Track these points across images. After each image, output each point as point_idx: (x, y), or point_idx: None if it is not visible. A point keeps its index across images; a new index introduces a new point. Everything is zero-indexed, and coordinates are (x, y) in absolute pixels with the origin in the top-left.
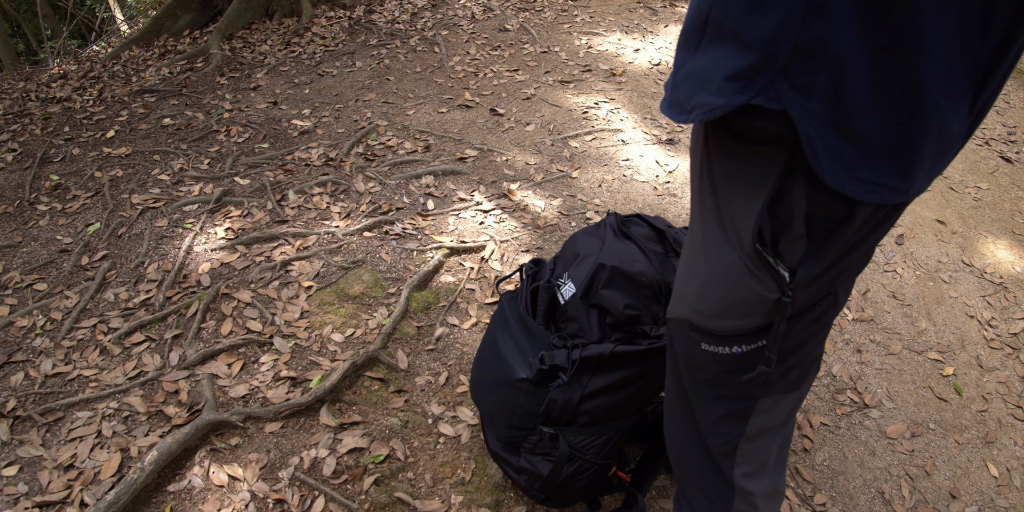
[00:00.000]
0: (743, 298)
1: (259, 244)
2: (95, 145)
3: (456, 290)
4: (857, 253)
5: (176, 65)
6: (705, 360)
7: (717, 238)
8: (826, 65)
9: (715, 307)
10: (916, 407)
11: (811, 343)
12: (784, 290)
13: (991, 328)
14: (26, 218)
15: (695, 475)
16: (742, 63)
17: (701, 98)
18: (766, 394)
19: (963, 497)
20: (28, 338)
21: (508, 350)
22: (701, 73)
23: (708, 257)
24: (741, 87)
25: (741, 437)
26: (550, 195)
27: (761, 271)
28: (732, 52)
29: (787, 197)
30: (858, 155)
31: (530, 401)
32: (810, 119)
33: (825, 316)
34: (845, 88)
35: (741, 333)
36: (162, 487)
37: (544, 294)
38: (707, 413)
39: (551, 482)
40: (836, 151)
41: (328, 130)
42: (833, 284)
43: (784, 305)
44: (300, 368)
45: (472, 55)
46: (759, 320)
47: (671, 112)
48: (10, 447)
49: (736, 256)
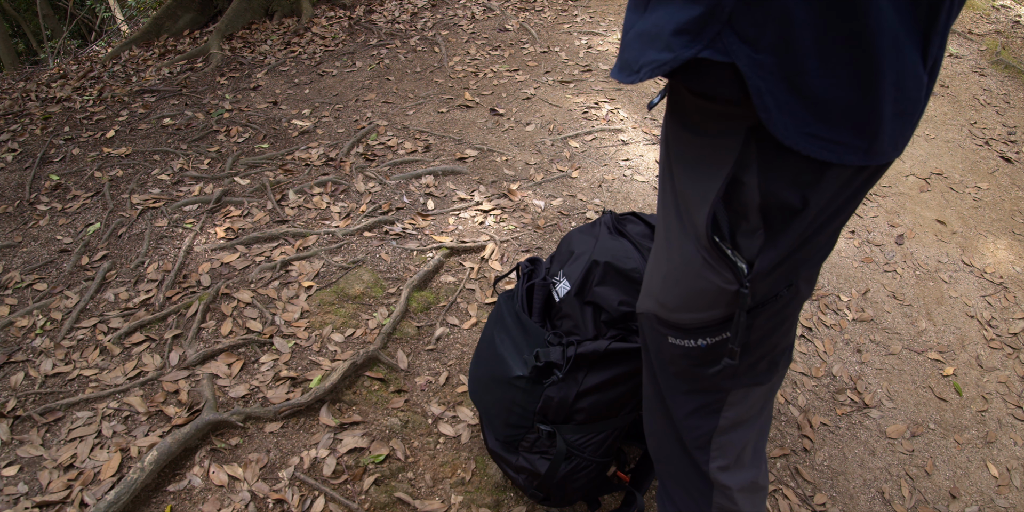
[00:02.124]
0: (703, 290)
1: (259, 244)
2: (95, 145)
3: (456, 290)
4: (818, 241)
5: (176, 65)
6: (673, 354)
7: (677, 231)
8: (772, 16)
9: (677, 300)
10: (916, 407)
11: (775, 334)
12: (742, 281)
13: (991, 328)
14: (26, 218)
15: (674, 470)
16: (688, 16)
17: (649, 55)
18: (736, 387)
19: (963, 497)
20: (28, 338)
21: (505, 348)
22: (649, 31)
23: (670, 251)
24: (688, 41)
25: (714, 430)
26: (550, 195)
27: (718, 263)
28: (679, 7)
29: (741, 188)
30: (811, 111)
31: (527, 399)
32: (759, 71)
33: (788, 307)
34: (793, 40)
35: (704, 325)
36: (162, 487)
37: (539, 292)
38: (680, 407)
39: (549, 480)
40: (787, 105)
41: (328, 130)
42: (794, 274)
43: (743, 296)
44: (300, 368)
45: (472, 55)
46: (720, 312)
47: (620, 75)
48: (10, 447)
49: (694, 248)
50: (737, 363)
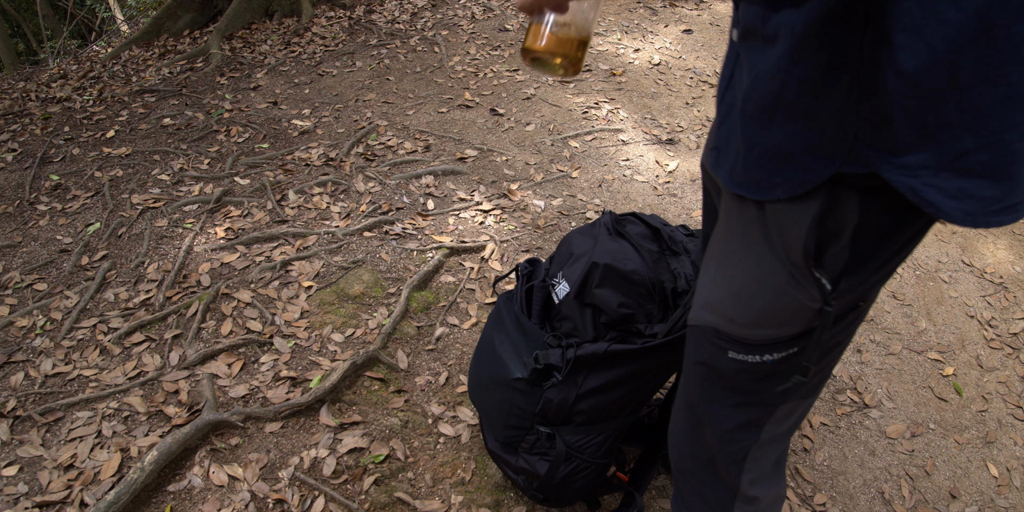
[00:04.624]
0: (784, 307)
1: (259, 244)
2: (95, 145)
3: (456, 290)
4: (895, 263)
5: (176, 65)
6: (730, 369)
7: (758, 244)
8: (897, 124)
9: (751, 315)
10: (916, 407)
11: (835, 351)
12: (827, 299)
13: (991, 328)
14: (26, 218)
15: (694, 480)
16: (816, 138)
17: (785, 174)
18: (787, 401)
19: (963, 497)
20: (28, 338)
21: (504, 350)
22: (778, 151)
23: (745, 263)
24: (826, 160)
25: (754, 444)
26: (550, 195)
27: (806, 280)
28: (804, 128)
29: (840, 207)
30: (994, 185)
31: (526, 401)
32: (906, 172)
33: (852, 326)
34: (941, 126)
35: (774, 342)
36: (162, 487)
37: (539, 293)
38: (722, 420)
39: (549, 481)
40: (962, 192)
41: (328, 130)
42: (866, 294)
43: (827, 314)
44: (300, 368)
45: (472, 55)
46: (795, 330)
47: (746, 189)
48: (10, 447)
49: (779, 264)
50: (808, 380)
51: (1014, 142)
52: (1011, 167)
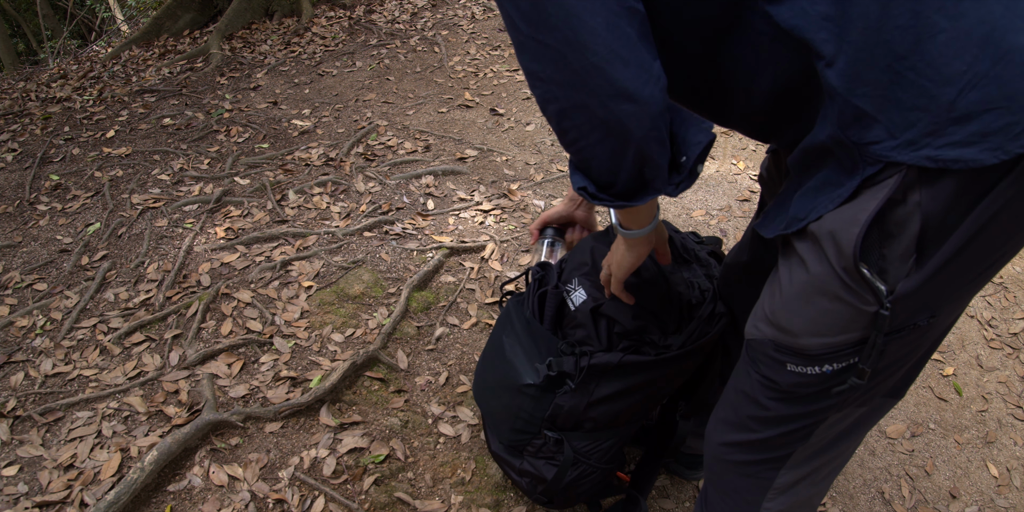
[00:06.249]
0: (838, 312)
1: (259, 244)
2: (95, 145)
3: (456, 290)
4: (972, 268)
5: (176, 65)
6: (789, 382)
7: (808, 248)
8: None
9: (805, 323)
10: (916, 407)
11: (904, 365)
12: (883, 302)
13: (991, 328)
14: (26, 218)
15: (723, 483)
16: (847, 171)
17: (823, 199)
18: (840, 409)
19: (963, 497)
20: (28, 338)
21: (514, 354)
22: (816, 188)
23: (792, 271)
24: (847, 174)
25: (794, 452)
26: (550, 195)
27: (859, 284)
28: (835, 168)
29: (899, 204)
30: (1003, 113)
31: (536, 406)
32: (914, 147)
33: (924, 337)
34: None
35: (833, 351)
36: (162, 487)
37: (552, 300)
38: (770, 428)
39: (555, 486)
40: (976, 135)
41: (328, 130)
42: (939, 304)
43: (883, 318)
44: (300, 368)
45: (472, 55)
46: (854, 336)
47: (787, 225)
48: (10, 447)
49: (828, 268)
50: (865, 383)
51: (989, 70)
52: (1006, 90)
